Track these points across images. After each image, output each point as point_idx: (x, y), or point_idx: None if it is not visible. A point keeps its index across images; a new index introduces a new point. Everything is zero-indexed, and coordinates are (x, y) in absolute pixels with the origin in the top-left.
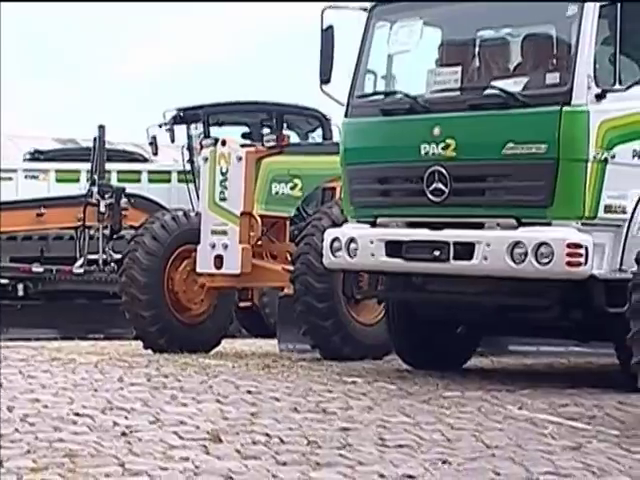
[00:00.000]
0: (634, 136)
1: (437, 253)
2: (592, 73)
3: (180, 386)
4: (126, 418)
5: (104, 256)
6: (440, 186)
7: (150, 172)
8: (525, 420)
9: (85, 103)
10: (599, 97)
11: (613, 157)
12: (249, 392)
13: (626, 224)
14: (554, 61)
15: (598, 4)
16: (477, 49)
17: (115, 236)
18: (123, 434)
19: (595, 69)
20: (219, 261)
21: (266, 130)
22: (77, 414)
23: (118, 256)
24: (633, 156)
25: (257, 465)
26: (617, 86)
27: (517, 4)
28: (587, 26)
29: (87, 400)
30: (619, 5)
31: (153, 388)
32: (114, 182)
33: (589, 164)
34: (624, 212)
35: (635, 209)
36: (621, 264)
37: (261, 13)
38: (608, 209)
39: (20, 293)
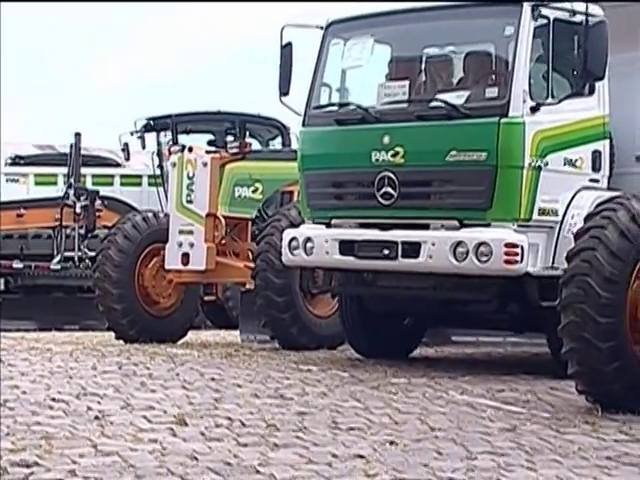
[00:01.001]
0: (565, 145)
1: (386, 252)
2: (527, 88)
3: (149, 373)
4: (99, 403)
5: (79, 253)
6: (389, 190)
7: (122, 176)
8: (465, 404)
9: (62, 113)
10: (533, 110)
11: (546, 164)
12: (213, 379)
13: (558, 226)
14: (493, 77)
15: (533, 25)
16: (423, 65)
17: (90, 235)
18: (96, 418)
19: (530, 84)
20: (186, 258)
21: (230, 138)
22: (53, 399)
23: (92, 254)
24: (564, 164)
25: (220, 446)
26: (550, 100)
27: (459, 23)
28: (522, 45)
29: (63, 386)
30: (551, 27)
31: (124, 375)
32: (89, 185)
33: (524, 171)
34: (556, 215)
35: (566, 212)
36: (553, 262)
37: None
38: (542, 212)
39: (1, 287)
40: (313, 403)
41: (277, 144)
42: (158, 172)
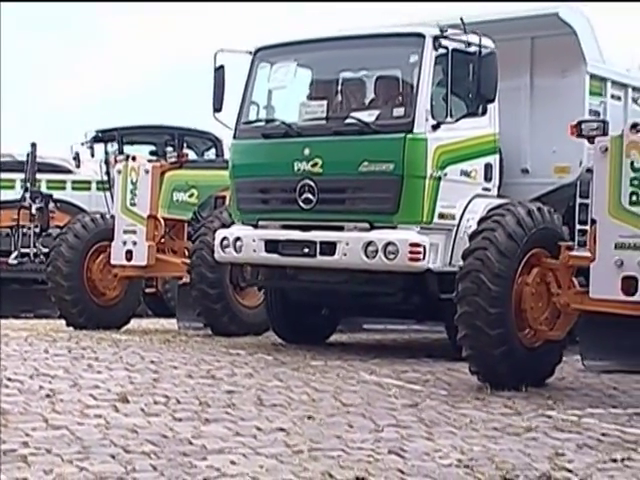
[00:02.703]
0: (461, 159)
1: (306, 250)
2: (429, 108)
3: (95, 357)
4: (50, 382)
5: (34, 250)
6: (309, 196)
7: (73, 182)
8: (374, 383)
9: (21, 126)
10: (435, 127)
11: (445, 175)
12: (152, 362)
13: (455, 228)
14: (400, 98)
15: (434, 54)
16: (340, 87)
17: (44, 234)
18: (47, 396)
19: (432, 105)
20: (129, 255)
21: (169, 148)
22: (9, 379)
23: (46, 250)
24: (460, 174)
25: (157, 421)
26: (448, 119)
27: (371, 51)
28: (425, 71)
29: (18, 368)
30: (450, 56)
31: (73, 358)
32: (44, 189)
33: (427, 180)
34: (454, 219)
35: (462, 216)
36: (451, 260)
37: (169, 53)
38: (441, 216)
39: None
40: (241, 383)
41: (211, 154)
42: (105, 178)
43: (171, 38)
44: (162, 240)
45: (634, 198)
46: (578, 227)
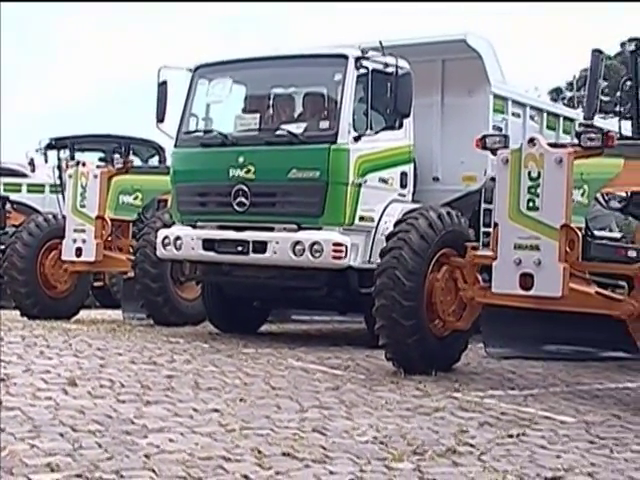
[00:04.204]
0: (380, 167)
1: (240, 248)
2: (351, 122)
3: (47, 344)
4: (5, 368)
5: None
6: (243, 200)
7: (29, 185)
8: (300, 369)
9: None
10: (356, 139)
11: (365, 182)
12: (99, 349)
13: (374, 230)
14: (325, 112)
15: (356, 73)
16: (271, 101)
17: (1, 232)
18: (2, 380)
19: (354, 119)
20: (79, 252)
21: (116, 155)
22: None
23: (2, 247)
24: (379, 181)
25: (103, 403)
26: (369, 132)
27: (300, 70)
28: (348, 89)
29: None
30: (370, 75)
31: (26, 345)
32: (1, 191)
33: (349, 187)
34: (373, 221)
35: (380, 219)
36: (370, 258)
37: (112, 68)
38: (362, 219)
39: None
40: (179, 368)
41: (154, 161)
42: (58, 182)
43: (125, 55)
44: (109, 238)
45: (531, 204)
46: (483, 229)
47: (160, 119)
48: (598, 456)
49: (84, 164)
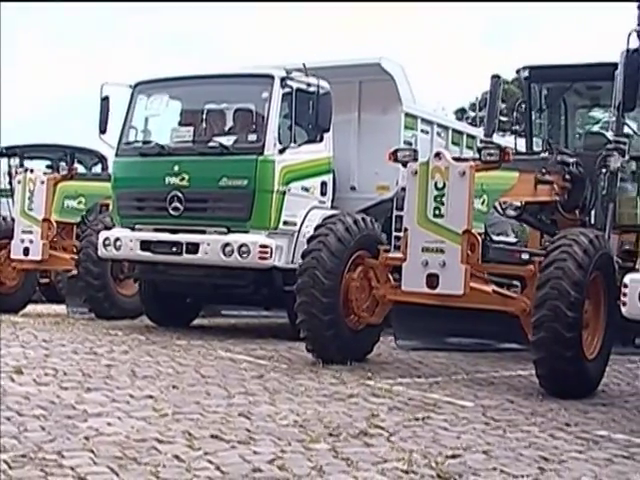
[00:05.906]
0: (302, 177)
1: (174, 249)
2: (277, 135)
3: None
4: None
5: None
6: (178, 205)
7: None
8: (229, 359)
9: None
10: (281, 151)
11: (289, 190)
12: (44, 340)
13: (296, 233)
14: (253, 126)
15: (281, 91)
16: (204, 115)
17: None
18: None
19: (279, 133)
20: (27, 251)
21: (62, 163)
22: None
23: None
24: (301, 189)
25: (47, 390)
26: (292, 144)
27: (231, 88)
28: (274, 105)
29: None
30: (294, 93)
31: None
32: None
33: (274, 194)
34: (295, 225)
35: (302, 224)
36: (293, 259)
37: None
38: (285, 223)
39: None
40: (118, 358)
41: (97, 169)
42: (8, 187)
43: (70, 71)
44: (54, 239)
45: (437, 212)
46: (394, 234)
47: (102, 130)
48: (493, 436)
49: (32, 171)
